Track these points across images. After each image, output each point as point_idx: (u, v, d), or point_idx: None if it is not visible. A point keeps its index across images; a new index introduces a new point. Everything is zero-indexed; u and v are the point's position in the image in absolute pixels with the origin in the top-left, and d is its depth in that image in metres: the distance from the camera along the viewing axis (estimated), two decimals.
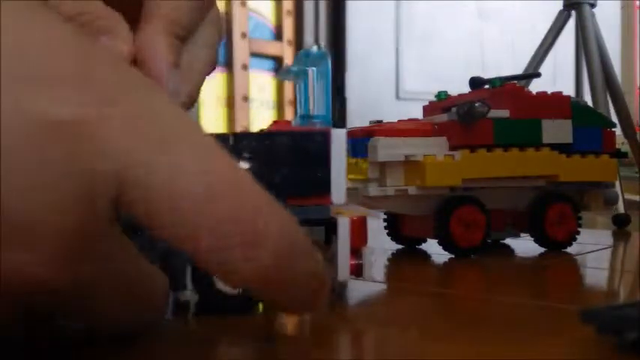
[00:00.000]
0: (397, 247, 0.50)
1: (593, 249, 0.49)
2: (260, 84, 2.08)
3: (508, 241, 0.51)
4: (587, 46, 1.08)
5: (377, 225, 0.48)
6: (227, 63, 1.97)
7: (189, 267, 0.26)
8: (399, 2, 2.24)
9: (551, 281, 0.40)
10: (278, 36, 2.13)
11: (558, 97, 0.47)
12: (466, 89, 0.50)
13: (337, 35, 2.15)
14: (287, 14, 2.14)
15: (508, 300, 0.31)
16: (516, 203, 0.47)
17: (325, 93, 0.32)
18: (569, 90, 0.77)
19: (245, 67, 2.01)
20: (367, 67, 2.17)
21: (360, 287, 0.33)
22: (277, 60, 2.11)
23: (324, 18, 2.16)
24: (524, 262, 0.45)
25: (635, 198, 1.11)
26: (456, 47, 2.25)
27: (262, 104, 2.09)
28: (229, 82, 1.99)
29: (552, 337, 0.24)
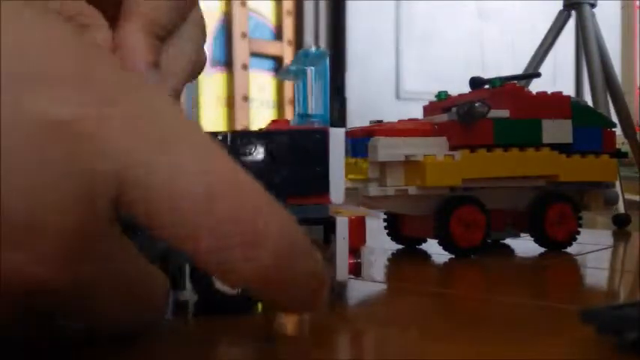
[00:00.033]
0: (397, 247, 0.50)
1: (593, 249, 0.49)
2: (260, 84, 2.08)
3: (508, 241, 0.51)
4: (587, 46, 1.08)
5: (377, 225, 0.48)
6: (227, 63, 1.97)
7: (187, 267, 0.26)
8: (399, 2, 2.24)
9: (551, 281, 0.40)
10: (278, 36, 2.13)
11: (558, 97, 0.47)
12: (466, 89, 0.50)
13: (337, 35, 2.15)
14: (287, 14, 2.13)
15: (508, 300, 0.31)
16: (516, 203, 0.47)
17: (323, 92, 0.32)
18: (569, 90, 0.77)
19: (245, 67, 2.01)
20: (367, 67, 2.16)
21: (360, 287, 0.33)
22: (277, 60, 2.10)
23: (324, 18, 2.16)
24: (524, 262, 0.44)
25: (635, 198, 1.11)
26: (456, 47, 2.25)
27: (262, 104, 2.09)
28: (229, 82, 1.99)
29: (552, 337, 0.24)
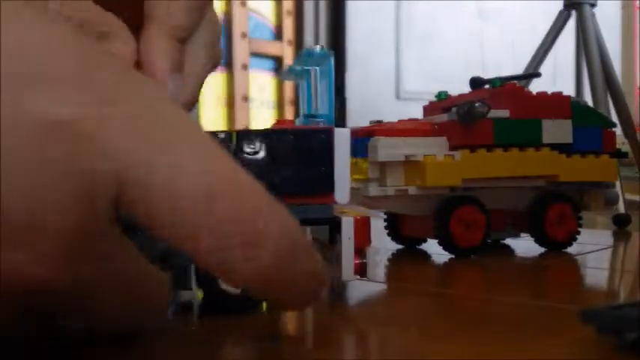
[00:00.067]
0: (397, 247, 0.50)
1: (593, 249, 0.49)
2: (260, 84, 2.08)
3: (508, 241, 0.51)
4: (587, 46, 1.08)
5: (377, 225, 0.48)
6: (227, 63, 1.97)
7: (193, 267, 0.26)
8: (399, 2, 2.24)
9: (551, 281, 0.40)
10: (278, 36, 2.13)
11: (558, 97, 0.47)
12: (466, 89, 0.50)
13: (337, 35, 2.15)
14: (287, 14, 2.14)
15: (508, 300, 0.31)
16: (516, 203, 0.47)
17: (328, 92, 0.32)
18: (569, 90, 0.77)
19: (245, 67, 2.01)
20: (367, 67, 2.16)
21: (361, 287, 0.33)
22: (277, 60, 2.11)
23: (324, 18, 2.16)
24: (524, 262, 0.44)
25: (635, 198, 1.11)
26: (456, 47, 2.25)
27: (262, 104, 2.09)
28: (229, 82, 1.99)
29: (552, 337, 0.24)
